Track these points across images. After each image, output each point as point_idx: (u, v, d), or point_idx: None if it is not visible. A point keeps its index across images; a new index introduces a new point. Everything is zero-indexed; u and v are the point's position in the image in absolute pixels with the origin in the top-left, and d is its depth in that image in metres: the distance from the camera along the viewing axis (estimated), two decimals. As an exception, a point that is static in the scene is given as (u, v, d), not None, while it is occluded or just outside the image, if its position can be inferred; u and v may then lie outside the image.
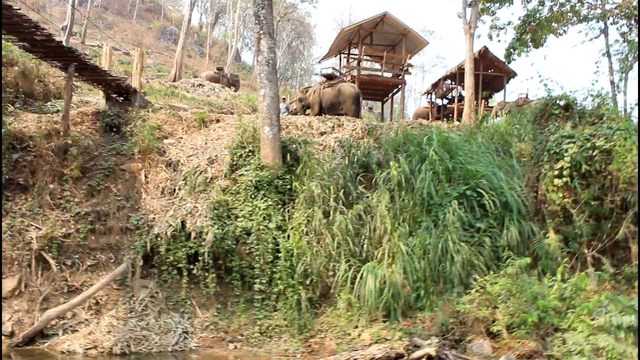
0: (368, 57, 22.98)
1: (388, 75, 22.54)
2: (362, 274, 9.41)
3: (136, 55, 14.94)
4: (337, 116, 13.83)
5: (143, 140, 11.69)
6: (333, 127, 12.85)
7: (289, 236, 10.27)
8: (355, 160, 11.01)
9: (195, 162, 11.55)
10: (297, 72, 42.42)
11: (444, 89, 22.68)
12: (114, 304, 10.00)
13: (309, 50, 42.72)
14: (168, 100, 18.37)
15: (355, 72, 21.30)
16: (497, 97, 24.41)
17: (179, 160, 11.62)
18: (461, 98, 22.71)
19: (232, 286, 10.24)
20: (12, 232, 10.27)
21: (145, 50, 26.25)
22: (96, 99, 16.07)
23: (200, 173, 11.13)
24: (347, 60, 23.15)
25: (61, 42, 11.10)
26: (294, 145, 11.37)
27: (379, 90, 22.13)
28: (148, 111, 13.18)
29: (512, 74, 21.90)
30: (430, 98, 24.49)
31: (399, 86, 22.04)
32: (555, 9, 22.55)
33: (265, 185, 10.61)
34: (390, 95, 23.16)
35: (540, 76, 11.03)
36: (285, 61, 38.50)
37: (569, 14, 22.99)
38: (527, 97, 20.22)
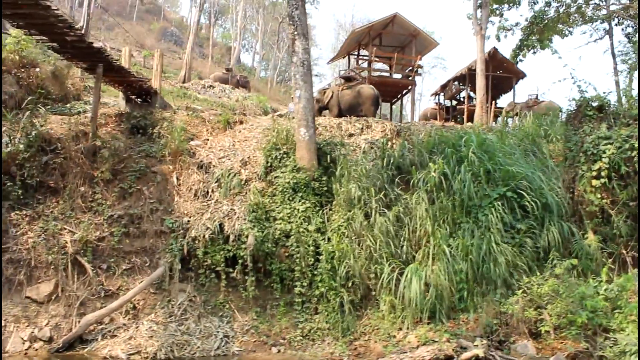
0: (377, 59, 22.96)
1: (397, 76, 22.56)
2: (406, 275, 9.38)
3: (156, 56, 14.78)
4: (364, 117, 13.78)
5: (172, 142, 11.53)
6: (362, 128, 12.82)
7: (328, 238, 10.20)
8: (391, 161, 10.96)
9: (227, 164, 11.43)
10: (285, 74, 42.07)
11: (454, 90, 22.76)
12: (152, 309, 9.86)
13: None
14: (180, 102, 18.19)
15: (365, 74, 21.28)
16: (505, 98, 24.56)
17: (210, 162, 11.49)
18: (470, 99, 22.81)
19: (271, 289, 10.15)
20: (47, 235, 10.08)
21: (149, 52, 26.01)
22: (113, 100, 15.86)
23: (234, 175, 11.01)
24: (357, 62, 23.12)
25: (92, 43, 10.90)
26: (329, 147, 11.30)
27: (389, 91, 22.10)
28: (175, 112, 13.02)
29: (521, 75, 22.06)
30: (438, 99, 24.56)
31: (409, 87, 22.08)
32: (561, 10, 22.80)
33: (302, 187, 10.54)
34: (399, 96, 23.18)
35: (573, 77, 11.10)
36: (284, 62, 38.35)
37: (575, 15, 23.24)
38: (537, 97, 20.34)
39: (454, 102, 24.03)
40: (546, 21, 22.36)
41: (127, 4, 37.00)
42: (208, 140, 12.73)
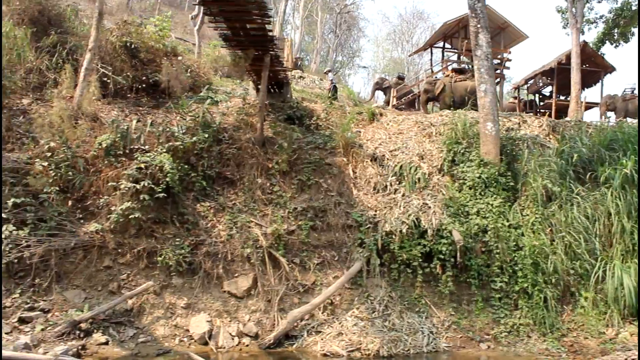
0: (456, 51, 22.75)
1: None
2: (613, 272, 9.26)
3: (286, 45, 14.48)
4: (519, 113, 13.60)
5: (342, 135, 11.30)
6: (519, 123, 12.62)
7: (522, 234, 10.05)
8: (573, 157, 10.81)
9: (401, 157, 11.21)
10: (334, 64, 41.57)
11: (540, 84, 22.56)
12: (349, 304, 9.67)
13: (358, 43, 42.39)
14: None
15: (450, 67, 21.05)
16: (588, 93, 24.34)
17: (383, 155, 11.26)
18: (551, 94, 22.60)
19: (466, 285, 9.97)
20: (238, 229, 9.85)
21: (218, 42, 25.60)
22: (231, 89, 15.56)
23: (416, 169, 10.79)
24: (442, 54, 22.90)
25: (270, 31, 10.60)
26: (510, 142, 11.12)
27: (476, 84, 21.89)
28: (335, 103, 12.79)
29: (610, 69, 21.81)
30: (519, 93, 24.34)
31: (498, 80, 21.88)
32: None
33: (492, 182, 10.36)
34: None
35: None
36: (330, 53, 38.02)
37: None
38: (632, 91, 20.19)
39: (538, 97, 23.78)
40: (633, 13, 22.10)
41: (177, -6, 36.53)
42: (360, 132, 12.49)
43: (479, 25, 10.72)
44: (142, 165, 9.35)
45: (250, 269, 9.63)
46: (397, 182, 10.82)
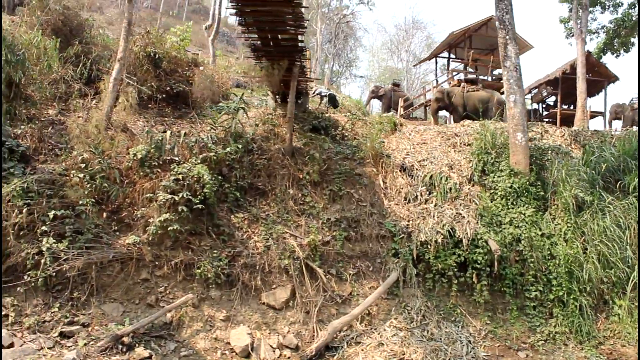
0: (460, 60, 23.01)
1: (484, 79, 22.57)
2: (649, 280, 9.38)
3: (308, 55, 14.50)
4: (540, 123, 13.76)
5: (371, 146, 11.33)
6: (541, 133, 12.78)
7: (555, 242, 10.14)
8: (602, 166, 10.97)
9: (430, 167, 11.27)
10: (325, 74, 41.59)
11: (544, 94, 22.88)
12: (386, 314, 9.66)
13: (355, 53, 42.63)
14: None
15: (456, 76, 21.27)
16: (592, 102, 24.70)
17: (412, 165, 11.30)
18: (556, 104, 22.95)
19: (500, 293, 10.03)
20: (274, 240, 9.80)
21: (220, 52, 25.62)
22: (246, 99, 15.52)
23: (446, 179, 10.84)
24: (448, 64, 23.13)
25: (301, 41, 10.62)
26: (539, 152, 11.25)
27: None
28: (359, 115, 12.81)
29: (613, 78, 22.24)
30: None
31: (503, 90, 22.11)
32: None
33: (523, 191, 10.46)
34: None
35: None
36: (327, 63, 38.10)
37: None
38: (640, 100, 20.61)
39: (542, 106, 24.10)
40: (632, 24, 22.54)
41: (175, 4, 36.39)
42: (384, 142, 12.53)
43: (507, 37, 10.88)
44: (180, 177, 9.26)
45: (287, 280, 9.56)
46: (427, 192, 10.86)
